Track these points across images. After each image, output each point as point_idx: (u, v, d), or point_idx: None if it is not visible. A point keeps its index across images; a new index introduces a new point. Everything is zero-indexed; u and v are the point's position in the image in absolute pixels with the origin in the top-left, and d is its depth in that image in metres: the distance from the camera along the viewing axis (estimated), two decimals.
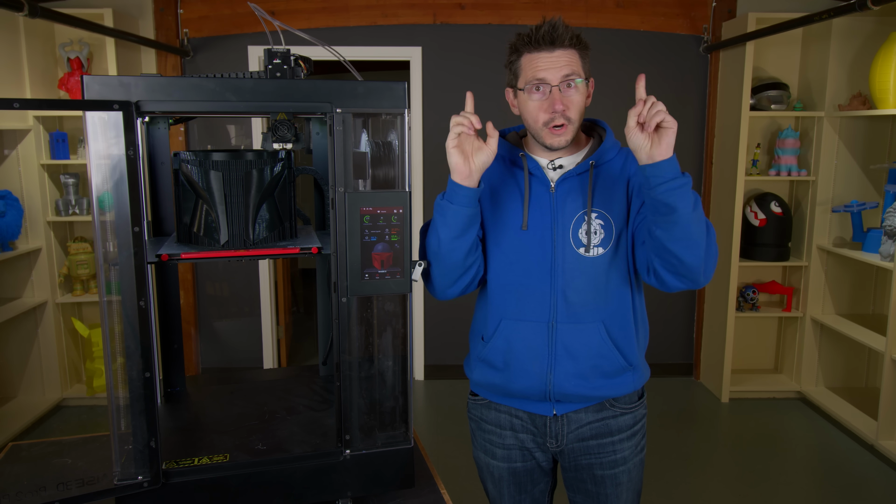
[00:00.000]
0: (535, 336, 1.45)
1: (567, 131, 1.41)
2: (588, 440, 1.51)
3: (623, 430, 1.52)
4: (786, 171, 3.85)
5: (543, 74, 1.37)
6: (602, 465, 1.52)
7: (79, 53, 3.66)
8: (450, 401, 3.97)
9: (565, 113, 1.39)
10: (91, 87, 1.08)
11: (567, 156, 1.48)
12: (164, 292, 1.53)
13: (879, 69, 3.32)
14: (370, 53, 3.99)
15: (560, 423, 1.50)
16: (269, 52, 1.21)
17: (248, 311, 4.22)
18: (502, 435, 1.56)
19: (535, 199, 1.45)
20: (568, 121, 1.40)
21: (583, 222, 1.42)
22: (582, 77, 1.39)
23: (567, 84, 1.38)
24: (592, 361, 1.44)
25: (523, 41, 1.40)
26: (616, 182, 1.45)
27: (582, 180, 1.44)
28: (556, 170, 1.47)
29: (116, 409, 1.18)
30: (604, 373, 1.45)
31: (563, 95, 1.38)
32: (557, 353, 1.44)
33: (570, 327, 1.43)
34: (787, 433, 3.59)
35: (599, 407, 1.50)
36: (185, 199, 1.31)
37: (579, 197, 1.44)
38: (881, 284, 3.89)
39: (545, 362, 1.45)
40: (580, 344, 1.43)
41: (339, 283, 1.23)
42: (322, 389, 1.60)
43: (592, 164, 1.44)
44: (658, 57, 4.06)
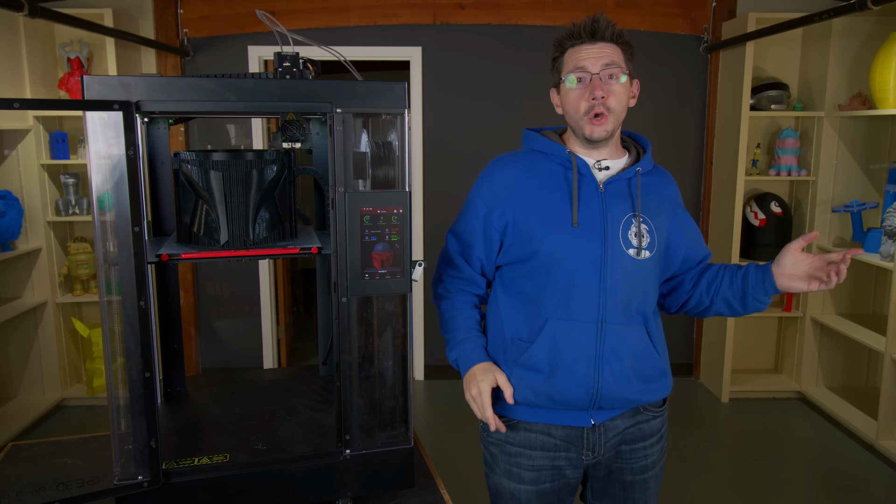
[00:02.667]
0: (583, 336, 1.40)
1: (607, 122, 1.40)
2: (620, 446, 1.51)
3: (654, 434, 1.52)
4: (786, 171, 3.85)
5: (584, 63, 1.40)
6: (633, 471, 1.52)
7: (79, 53, 3.66)
8: (450, 401, 3.97)
9: (605, 102, 1.39)
10: (91, 87, 1.08)
11: (611, 159, 1.48)
12: (164, 292, 1.53)
13: (879, 69, 3.32)
14: (370, 53, 3.99)
15: (597, 434, 1.47)
16: (278, 55, 1.22)
17: (248, 311, 4.22)
18: (532, 456, 1.48)
19: (583, 198, 1.43)
20: (608, 111, 1.40)
21: (631, 224, 1.43)
22: (624, 71, 1.41)
23: (609, 75, 1.39)
24: (634, 364, 1.43)
25: (566, 35, 1.44)
26: (658, 192, 1.50)
27: (630, 185, 1.46)
28: (601, 171, 1.47)
29: (116, 409, 1.18)
30: (643, 377, 1.44)
31: (603, 84, 1.39)
32: (605, 354, 1.40)
33: (617, 328, 1.41)
34: (787, 433, 3.59)
35: (634, 412, 1.50)
36: (185, 199, 1.31)
37: (627, 200, 1.45)
38: (881, 284, 3.89)
39: (592, 364, 1.40)
40: (625, 346, 1.42)
41: (339, 283, 1.23)
42: (322, 389, 1.60)
43: (639, 170, 1.46)
44: (658, 57, 4.06)
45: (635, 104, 1.49)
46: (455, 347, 1.49)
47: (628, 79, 1.43)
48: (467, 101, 4.02)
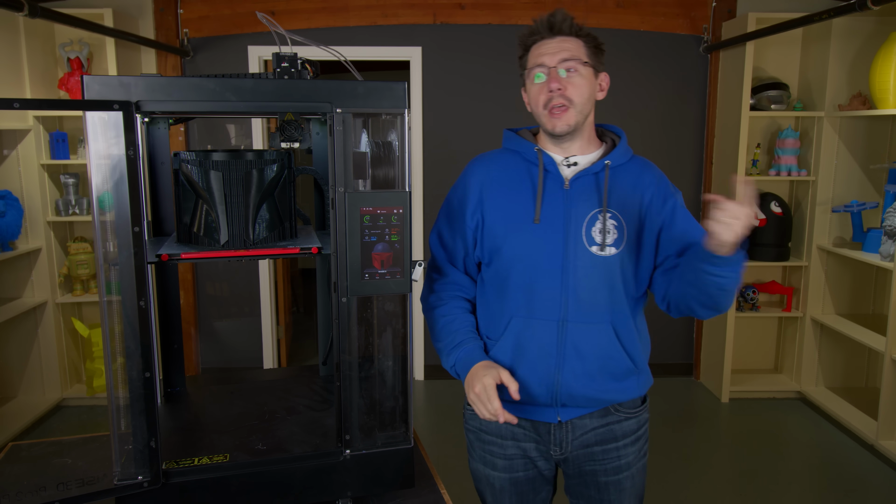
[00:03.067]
0: (544, 334, 1.42)
1: (568, 115, 1.40)
2: (592, 446, 1.50)
3: (627, 435, 1.50)
4: (786, 171, 3.85)
5: (543, 59, 1.41)
6: (606, 472, 1.50)
7: (79, 53, 3.66)
8: (450, 401, 3.97)
9: (564, 93, 1.39)
10: (91, 87, 1.08)
11: (581, 154, 1.47)
12: (164, 292, 1.53)
13: (879, 69, 3.32)
14: (370, 53, 3.99)
15: (564, 430, 1.48)
16: (277, 55, 1.22)
17: (248, 311, 4.22)
18: (504, 445, 1.52)
19: (548, 194, 1.44)
20: (569, 102, 1.39)
21: (596, 221, 1.42)
22: (583, 60, 1.40)
23: (567, 68, 1.40)
24: (600, 362, 1.42)
25: (527, 33, 1.46)
26: (631, 185, 1.46)
27: (597, 179, 1.44)
28: (570, 167, 1.46)
29: (116, 409, 1.18)
30: (611, 374, 1.44)
31: (561, 77, 1.40)
32: (566, 352, 1.41)
33: (579, 326, 1.41)
34: (787, 433, 3.59)
35: (604, 412, 1.48)
36: (185, 199, 1.31)
37: (594, 195, 1.43)
38: (881, 284, 3.89)
39: (553, 362, 1.42)
40: (589, 344, 1.42)
41: (339, 283, 1.23)
42: (322, 389, 1.60)
43: (608, 164, 1.44)
44: (658, 57, 4.06)
45: (604, 97, 1.48)
46: (452, 352, 1.46)
47: (591, 71, 1.42)
48: (467, 101, 4.02)
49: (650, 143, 4.13)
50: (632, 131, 4.24)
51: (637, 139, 4.11)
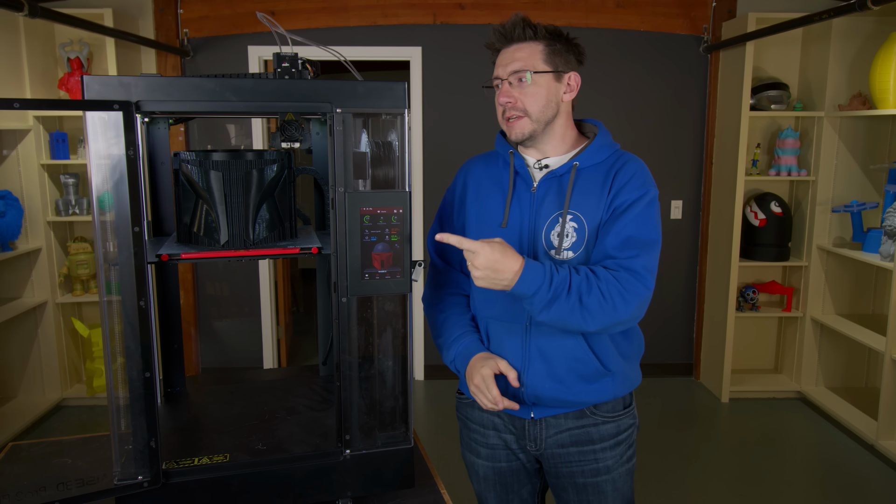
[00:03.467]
0: (510, 337, 1.45)
1: (522, 123, 1.41)
2: (568, 447, 1.49)
3: (605, 439, 1.48)
4: (786, 171, 3.85)
5: (496, 71, 1.43)
6: (584, 474, 1.49)
7: (79, 53, 3.66)
8: (450, 401, 3.97)
9: (516, 105, 1.40)
10: (91, 87, 1.08)
11: (554, 156, 1.47)
12: (164, 292, 1.53)
13: (879, 69, 3.32)
14: (370, 53, 3.99)
15: (538, 427, 1.49)
16: (277, 55, 1.22)
17: (248, 311, 4.22)
18: (486, 434, 1.56)
19: (517, 198, 1.45)
20: (523, 112, 1.40)
21: (556, 224, 1.41)
22: (536, 69, 1.38)
23: (518, 78, 1.39)
24: (568, 365, 1.42)
25: (489, 43, 1.48)
26: (599, 184, 1.41)
27: (563, 181, 1.43)
28: (541, 169, 1.46)
29: (116, 409, 1.18)
30: (580, 377, 1.43)
31: (513, 89, 1.40)
32: (531, 354, 1.43)
33: (544, 329, 1.41)
34: (787, 433, 3.59)
35: (579, 414, 1.47)
36: (185, 199, 1.31)
37: (557, 198, 1.42)
38: (881, 284, 3.89)
39: (518, 364, 1.44)
40: (554, 347, 1.41)
41: (339, 283, 1.23)
42: (322, 389, 1.60)
43: (575, 165, 1.42)
44: (658, 57, 4.06)
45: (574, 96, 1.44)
46: (450, 347, 1.50)
47: (548, 76, 1.39)
48: (467, 101, 4.02)
49: (650, 143, 4.13)
50: (632, 131, 4.26)
51: (637, 139, 4.11)
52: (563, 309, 1.28)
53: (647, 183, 1.41)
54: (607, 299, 1.30)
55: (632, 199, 1.38)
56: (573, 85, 1.44)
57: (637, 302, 1.32)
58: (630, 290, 1.31)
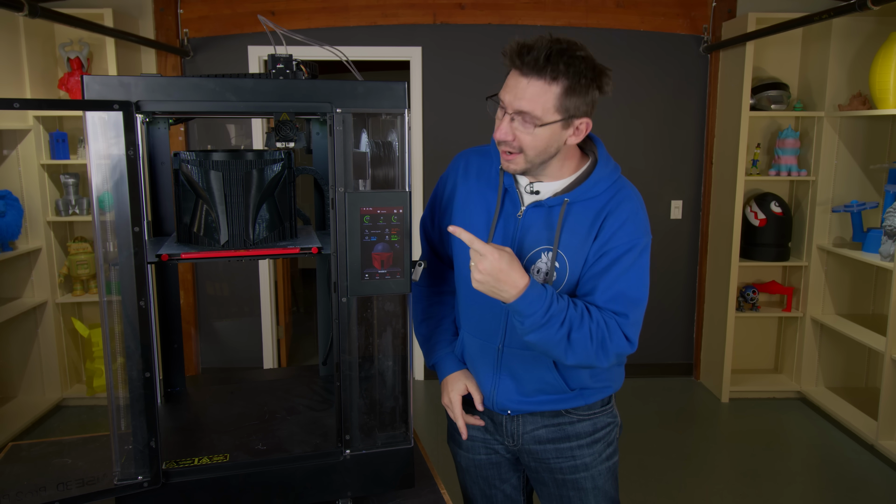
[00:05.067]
0: (484, 354, 1.47)
1: (518, 159, 1.30)
2: (545, 443, 1.49)
3: (581, 437, 1.48)
4: (786, 171, 3.85)
5: (503, 95, 1.27)
6: (562, 470, 1.50)
7: (79, 53, 3.66)
8: None
9: (511, 143, 1.29)
10: (91, 87, 1.08)
11: (548, 181, 1.37)
12: (164, 292, 1.53)
13: (879, 69, 3.32)
14: (370, 53, 3.99)
15: (515, 424, 1.50)
16: (272, 57, 1.22)
17: (248, 311, 4.22)
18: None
19: (504, 218, 1.39)
20: (518, 151, 1.29)
21: (538, 258, 1.35)
22: (541, 121, 1.24)
23: (523, 120, 1.25)
24: (536, 385, 1.44)
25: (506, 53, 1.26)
26: (588, 224, 1.33)
27: (551, 214, 1.34)
28: (531, 193, 1.38)
29: (116, 409, 1.18)
30: (547, 394, 1.45)
31: (513, 126, 1.27)
32: (502, 373, 1.45)
33: (517, 353, 1.41)
34: (787, 433, 3.59)
35: (554, 413, 1.48)
36: (185, 199, 1.31)
37: (543, 231, 1.35)
38: (881, 284, 3.89)
39: (490, 380, 1.47)
40: (524, 369, 1.43)
41: (339, 283, 1.23)
42: (322, 389, 1.60)
43: (566, 201, 1.32)
44: (658, 57, 4.06)
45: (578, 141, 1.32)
46: (429, 353, 1.58)
47: (556, 125, 1.26)
48: (467, 101, 4.02)
49: (650, 144, 4.13)
50: (632, 131, 4.27)
51: (637, 139, 4.12)
52: (550, 337, 1.24)
53: (638, 231, 1.33)
54: (593, 342, 1.26)
55: (623, 250, 1.31)
56: (582, 130, 1.30)
57: (617, 354, 1.29)
58: (615, 342, 1.28)
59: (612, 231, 1.32)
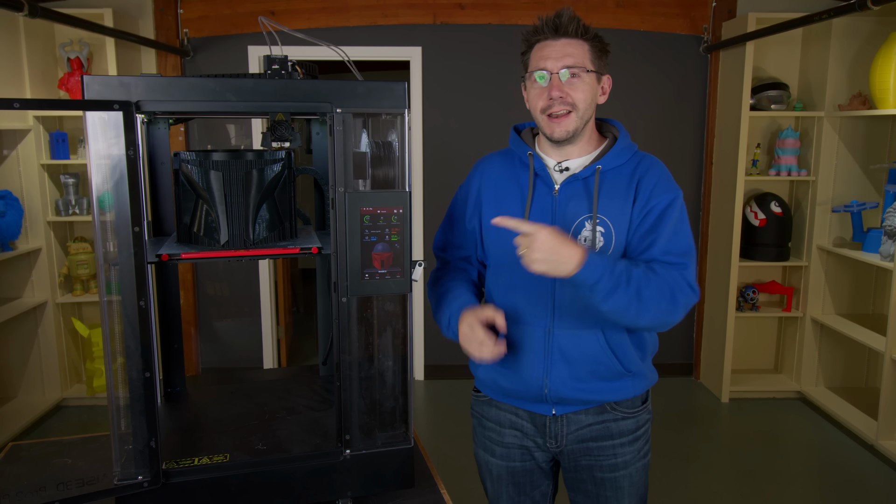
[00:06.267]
0: (532, 340, 1.44)
1: (569, 120, 1.38)
2: (587, 441, 1.50)
3: (624, 435, 1.50)
4: (786, 171, 3.85)
5: (544, 63, 1.38)
6: (602, 468, 1.51)
7: (79, 53, 3.66)
8: (450, 401, 3.97)
9: (565, 100, 1.37)
10: (91, 87, 1.08)
11: (576, 157, 1.45)
12: (164, 292, 1.54)
13: (879, 69, 3.32)
14: (370, 53, 3.99)
15: (559, 424, 1.49)
16: (268, 58, 1.22)
17: (248, 311, 4.22)
18: (502, 433, 1.55)
19: (537, 200, 1.43)
20: (571, 107, 1.37)
21: (583, 228, 1.40)
22: (587, 68, 1.37)
23: (571, 73, 1.37)
24: (589, 367, 1.43)
25: (531, 31, 1.43)
26: (624, 188, 1.41)
27: (587, 184, 1.41)
28: (562, 172, 1.44)
29: (116, 409, 1.18)
30: (601, 377, 1.44)
31: (563, 83, 1.37)
32: (553, 357, 1.43)
33: (567, 333, 1.42)
34: (787, 433, 3.59)
35: (600, 410, 1.49)
36: (185, 199, 1.31)
37: (583, 201, 1.41)
38: (881, 284, 3.89)
39: (541, 366, 1.44)
40: (577, 350, 1.42)
41: (339, 283, 1.23)
42: (322, 389, 1.60)
43: (599, 168, 1.40)
44: (658, 57, 4.06)
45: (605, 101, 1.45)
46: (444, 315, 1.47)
47: (594, 76, 1.39)
48: (467, 101, 4.02)
49: (650, 144, 4.13)
50: (632, 131, 4.23)
51: (637, 139, 4.10)
52: (621, 300, 1.27)
53: (673, 185, 1.42)
54: (664, 296, 1.31)
55: (665, 204, 1.39)
56: (606, 88, 1.45)
57: (685, 305, 1.34)
58: (683, 292, 1.34)
59: (649, 190, 1.40)
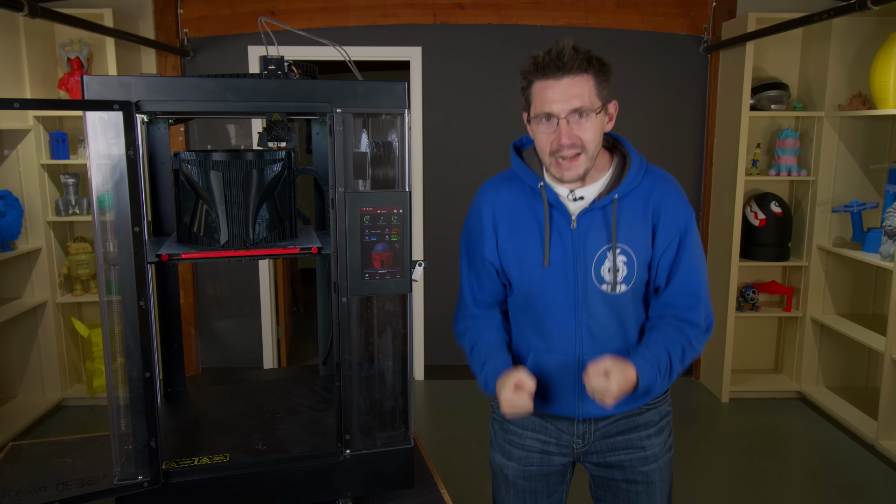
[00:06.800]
0: (563, 368, 1.44)
1: (579, 163, 1.35)
2: (615, 436, 1.50)
3: (650, 426, 1.51)
4: (786, 171, 3.85)
5: (550, 108, 1.31)
6: (632, 462, 1.50)
7: (79, 53, 3.66)
8: (450, 401, 3.97)
9: (575, 143, 1.33)
10: (91, 87, 1.08)
11: (589, 184, 1.41)
12: (164, 292, 1.54)
13: (879, 69, 3.32)
14: (370, 53, 3.99)
15: (587, 423, 1.50)
16: (264, 58, 1.22)
17: (248, 311, 4.22)
18: (523, 436, 1.53)
19: (555, 232, 1.41)
20: (581, 149, 1.33)
21: (605, 259, 1.38)
22: (594, 108, 1.33)
23: (578, 116, 1.32)
24: None
25: (531, 68, 1.34)
26: (640, 212, 1.40)
27: (605, 214, 1.39)
28: (576, 201, 1.41)
29: (116, 409, 1.18)
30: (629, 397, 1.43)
31: (571, 127, 1.32)
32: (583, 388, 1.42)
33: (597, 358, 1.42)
34: (787, 433, 3.59)
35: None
36: (185, 199, 1.31)
37: (602, 232, 1.39)
38: (881, 284, 3.89)
39: (573, 393, 1.45)
40: None
41: (339, 283, 1.23)
42: (322, 389, 1.60)
43: (616, 198, 1.38)
44: (658, 57, 4.06)
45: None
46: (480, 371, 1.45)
47: (601, 112, 1.35)
48: (467, 101, 4.02)
49: (650, 144, 4.13)
50: (632, 131, 4.25)
51: (637, 139, 4.10)
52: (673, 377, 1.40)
53: (686, 204, 1.44)
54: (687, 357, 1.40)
55: (682, 231, 1.41)
56: (613, 114, 1.41)
57: (703, 343, 1.44)
58: (699, 342, 1.43)
59: (665, 211, 1.40)
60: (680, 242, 1.41)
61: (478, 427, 3.47)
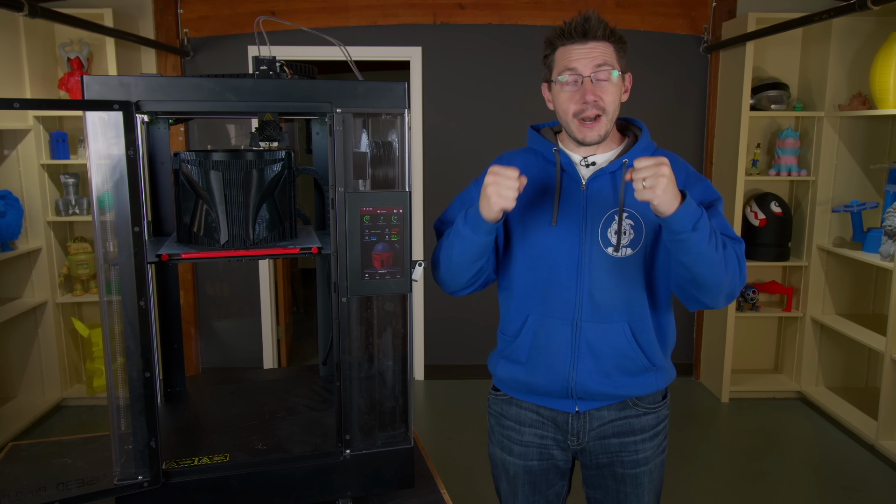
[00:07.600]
0: (559, 333, 1.44)
1: (601, 124, 1.39)
2: (609, 438, 1.50)
3: (645, 430, 1.51)
4: (786, 171, 3.85)
5: (575, 65, 1.37)
6: (623, 465, 1.51)
7: (79, 53, 3.66)
8: (450, 401, 3.97)
9: (598, 103, 1.37)
10: (91, 87, 1.08)
11: (601, 153, 1.46)
12: (164, 292, 1.54)
13: (879, 69, 3.32)
14: (370, 53, 3.99)
15: (582, 421, 1.50)
16: (256, 59, 1.22)
17: (248, 311, 4.22)
18: (521, 431, 1.55)
19: (565, 195, 1.43)
20: (602, 111, 1.38)
21: (612, 221, 1.41)
22: (616, 69, 1.38)
23: (601, 77, 1.37)
24: (615, 360, 1.44)
25: (556, 34, 1.40)
26: None
27: (614, 178, 1.43)
28: (588, 167, 1.45)
29: (116, 409, 1.18)
30: (627, 371, 1.45)
31: (595, 86, 1.37)
32: (580, 351, 1.43)
33: (594, 326, 1.43)
34: (787, 433, 3.59)
35: (622, 406, 1.49)
36: (185, 199, 1.31)
37: (611, 195, 1.42)
38: (881, 284, 3.89)
39: (568, 360, 1.44)
40: (604, 343, 1.43)
41: (339, 283, 1.23)
42: (322, 389, 1.60)
43: (625, 162, 1.41)
44: (658, 57, 4.06)
45: (628, 99, 1.46)
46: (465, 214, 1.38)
47: (620, 76, 1.40)
48: (467, 101, 4.02)
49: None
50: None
51: None
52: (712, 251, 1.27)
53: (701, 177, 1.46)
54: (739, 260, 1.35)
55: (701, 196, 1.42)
56: (628, 86, 1.46)
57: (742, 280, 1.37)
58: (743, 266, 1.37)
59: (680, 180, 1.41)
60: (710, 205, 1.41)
61: (477, 427, 3.47)
